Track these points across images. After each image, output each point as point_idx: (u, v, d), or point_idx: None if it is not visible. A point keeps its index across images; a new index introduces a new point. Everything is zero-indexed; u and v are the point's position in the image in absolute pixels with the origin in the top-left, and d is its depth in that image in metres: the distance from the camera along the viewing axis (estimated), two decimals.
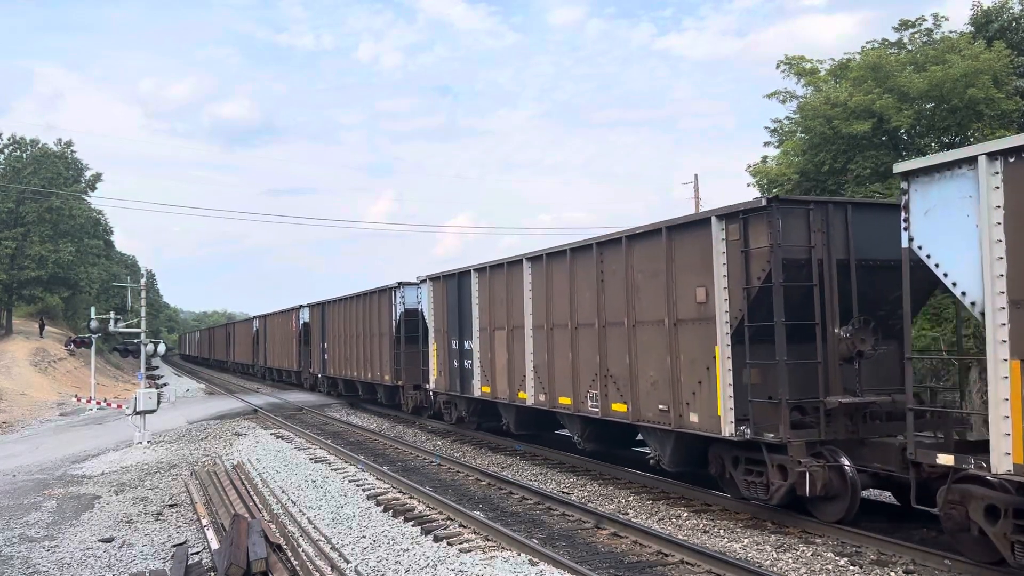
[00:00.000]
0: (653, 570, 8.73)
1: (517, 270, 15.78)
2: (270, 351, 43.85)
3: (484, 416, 18.83)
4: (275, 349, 42.52)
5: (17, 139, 53.24)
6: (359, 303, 27.47)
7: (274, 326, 42.69)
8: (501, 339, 16.50)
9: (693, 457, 11.50)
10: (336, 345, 30.32)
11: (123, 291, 52.61)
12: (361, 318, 27.07)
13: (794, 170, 29.04)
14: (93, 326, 28.16)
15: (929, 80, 25.88)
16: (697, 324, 10.80)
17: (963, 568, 8.07)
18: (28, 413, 32.56)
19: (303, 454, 17.50)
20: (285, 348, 39.82)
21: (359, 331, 27.22)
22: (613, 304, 12.60)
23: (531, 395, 15.18)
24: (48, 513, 13.35)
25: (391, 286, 24.21)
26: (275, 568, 8.93)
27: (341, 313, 29.67)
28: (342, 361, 29.50)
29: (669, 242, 11.33)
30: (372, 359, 25.92)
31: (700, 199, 40.15)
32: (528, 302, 15.25)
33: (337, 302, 30.41)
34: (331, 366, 31.07)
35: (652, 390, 11.68)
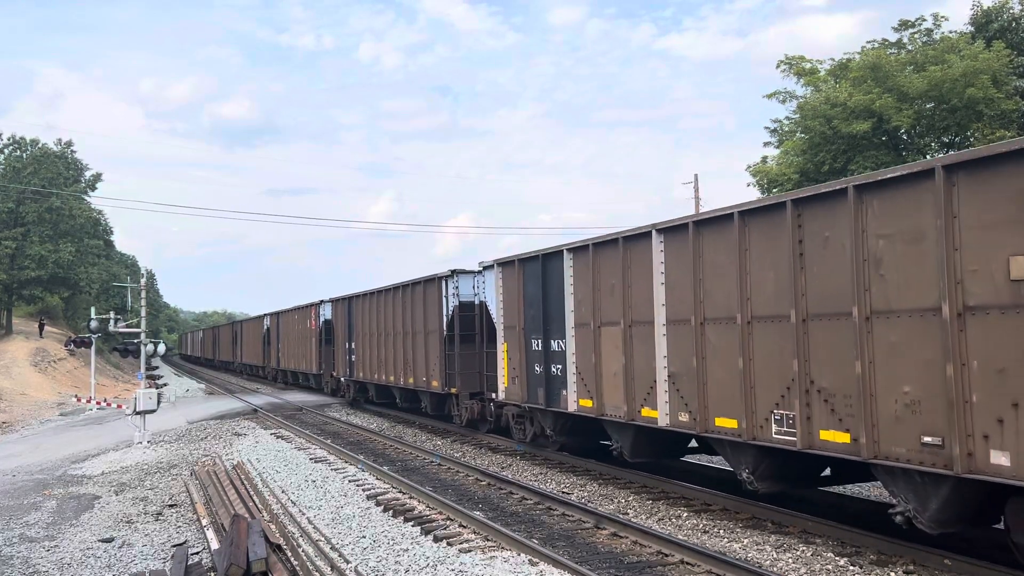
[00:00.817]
0: (653, 570, 8.73)
1: (641, 247, 11.91)
2: (284, 352, 40.42)
3: (577, 435, 14.93)
4: (290, 349, 39.01)
5: (17, 139, 53.31)
6: (397, 296, 23.62)
7: (289, 324, 39.20)
8: (612, 338, 12.67)
9: (971, 513, 8.05)
10: (367, 345, 26.42)
11: (123, 291, 52.64)
12: (400, 314, 23.32)
13: (794, 170, 29.06)
14: (93, 326, 28.18)
15: (928, 80, 25.89)
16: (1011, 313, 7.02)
17: (963, 568, 8.07)
18: (28, 413, 32.56)
19: (303, 454, 17.50)
20: (302, 348, 36.21)
21: (397, 328, 23.44)
22: (825, 287, 8.84)
23: (664, 412, 11.39)
24: (48, 513, 13.35)
25: (442, 275, 20.38)
26: (275, 568, 8.93)
27: (373, 308, 25.79)
28: (374, 363, 25.63)
29: (949, 189, 7.46)
30: (415, 361, 22.12)
31: (700, 199, 40.17)
32: (660, 289, 11.44)
33: (368, 296, 26.30)
34: (360, 369, 27.23)
35: (907, 414, 7.89)
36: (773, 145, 33.33)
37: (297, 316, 37.34)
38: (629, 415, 12.20)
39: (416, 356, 22.05)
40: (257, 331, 48.20)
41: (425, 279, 21.47)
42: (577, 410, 13.71)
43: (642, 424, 12.03)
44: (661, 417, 11.50)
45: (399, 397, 24.51)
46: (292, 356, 38.47)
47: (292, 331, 38.51)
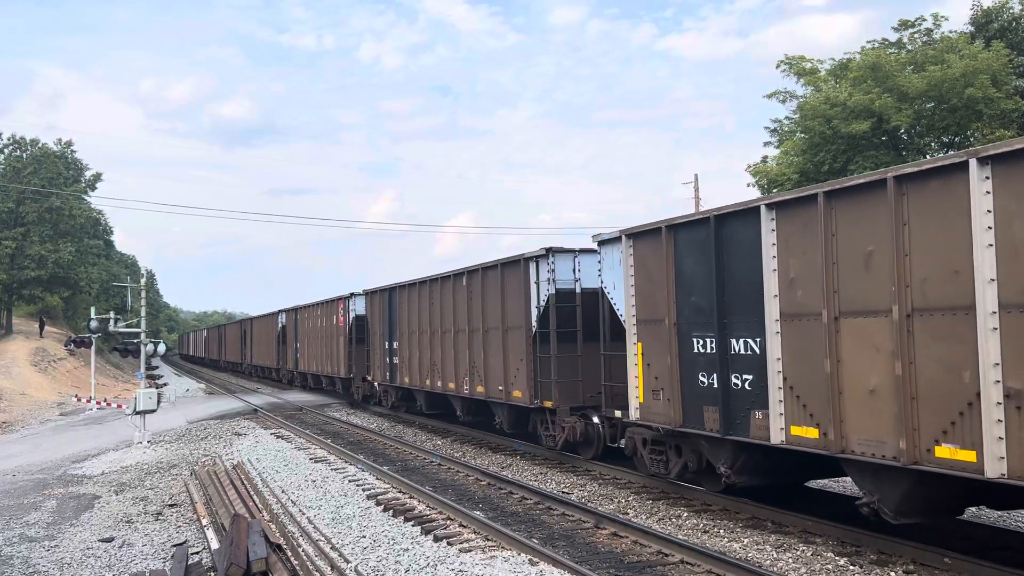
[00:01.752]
0: (653, 570, 8.74)
1: (936, 189, 7.62)
2: (303, 352, 35.99)
3: (771, 475, 10.62)
4: (311, 350, 34.65)
5: (17, 139, 53.31)
6: (457, 286, 19.00)
7: (309, 321, 34.77)
8: (866, 334, 8.33)
9: None
10: (413, 345, 21.92)
11: (123, 291, 52.71)
12: (466, 306, 18.49)
13: (794, 170, 29.08)
14: (93, 326, 28.16)
15: (928, 80, 25.90)
16: None
17: (963, 568, 8.07)
18: (28, 413, 32.56)
19: (303, 454, 17.50)
20: (328, 349, 31.67)
21: (461, 325, 18.71)
22: None
23: (996, 454, 7.04)
24: (48, 513, 13.35)
25: (531, 255, 15.67)
26: (275, 568, 8.93)
27: (425, 301, 21.02)
28: (424, 368, 21.05)
29: None
30: (487, 366, 17.38)
31: (700, 199, 40.18)
32: (987, 252, 7.13)
33: (416, 286, 21.81)
34: (404, 373, 22.65)
35: None
36: (773, 145, 33.38)
37: (320, 312, 32.86)
38: (909, 455, 7.79)
39: (488, 359, 17.46)
40: (270, 329, 43.58)
41: (505, 262, 16.69)
42: (785, 442, 9.36)
43: (935, 470, 7.62)
44: (988, 462, 7.07)
45: (461, 408, 19.73)
46: (315, 358, 33.73)
47: (314, 329, 33.94)
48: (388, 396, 24.93)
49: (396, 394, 24.18)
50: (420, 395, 22.15)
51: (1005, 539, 9.19)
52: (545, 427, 15.68)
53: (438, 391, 20.31)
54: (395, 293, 23.55)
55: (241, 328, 54.76)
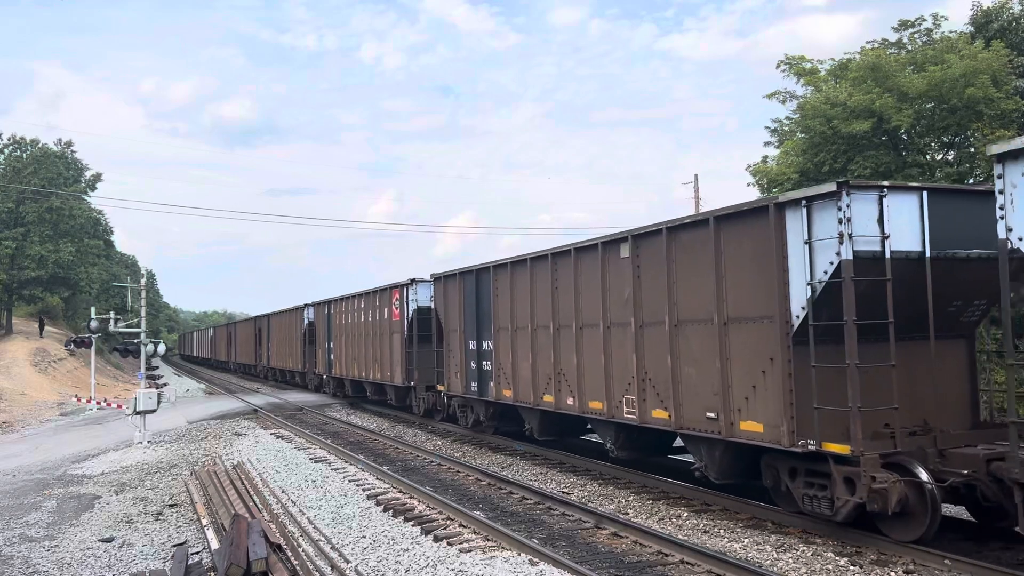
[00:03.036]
0: (653, 570, 8.74)
1: None
2: (340, 354, 30.35)
3: None
4: (351, 351, 28.87)
5: (17, 139, 53.31)
6: (611, 259, 12.97)
7: (347, 316, 29.35)
8: None
9: None
10: (518, 346, 16.12)
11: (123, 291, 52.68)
12: (619, 288, 12.83)
13: (794, 170, 29.07)
14: (93, 326, 28.17)
15: (928, 80, 25.91)
16: None
17: (963, 568, 8.07)
18: (28, 413, 32.56)
19: (303, 454, 17.50)
20: (374, 350, 25.86)
21: (613, 317, 13.00)
22: None
23: None
24: (48, 513, 13.35)
25: (798, 196, 9.59)
26: (275, 568, 8.93)
27: (543, 284, 15.14)
28: (541, 378, 15.27)
29: None
30: (677, 376, 11.52)
31: (700, 199, 40.19)
32: None
33: (527, 263, 15.67)
34: (502, 384, 16.82)
35: None
36: (773, 145, 33.35)
37: (364, 304, 27.39)
38: None
39: (682, 367, 11.75)
40: (290, 328, 38.49)
41: (726, 212, 10.58)
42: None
43: None
44: None
45: (615, 440, 14.67)
46: (355, 360, 28.40)
47: (353, 326, 28.56)
48: (470, 413, 19.32)
49: (485, 410, 18.35)
50: (531, 415, 16.11)
51: (1005, 540, 9.18)
52: (816, 487, 9.46)
53: (565, 411, 14.45)
54: (487, 276, 17.39)
55: (255, 326, 48.75)
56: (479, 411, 18.68)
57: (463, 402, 19.51)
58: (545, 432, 15.98)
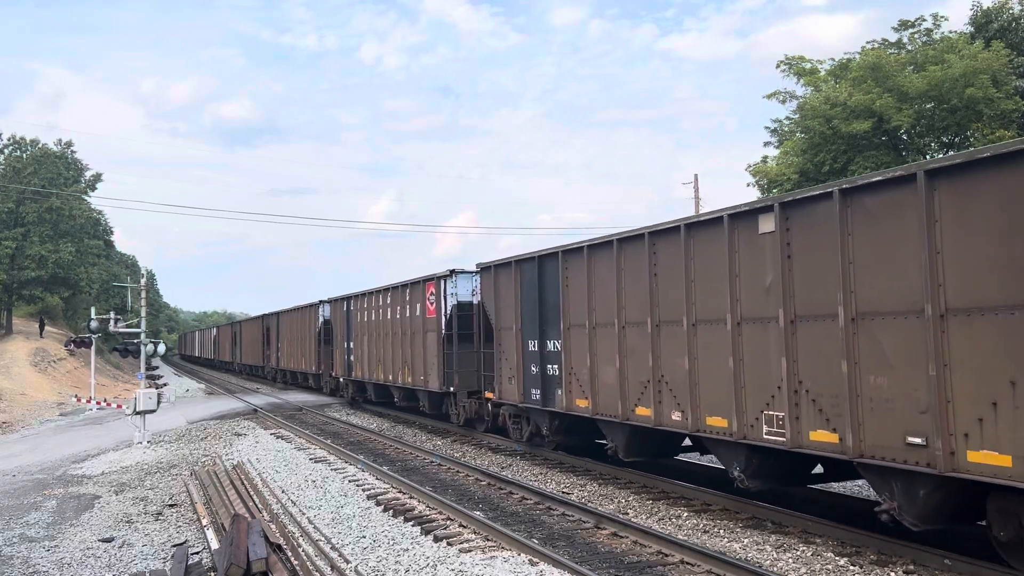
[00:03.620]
0: (653, 570, 8.73)
1: None
2: (359, 356, 27.16)
3: None
4: (371, 352, 25.79)
5: (17, 139, 53.35)
6: (742, 234, 10.25)
7: (371, 313, 25.91)
8: None
9: None
10: (604, 349, 13.06)
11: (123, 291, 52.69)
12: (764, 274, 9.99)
13: (794, 170, 29.08)
14: (93, 326, 28.16)
15: (928, 80, 25.93)
16: None
17: (963, 568, 8.06)
18: (28, 413, 32.57)
19: (303, 454, 17.50)
20: (402, 352, 22.91)
21: (768, 306, 9.86)
22: None
23: None
24: (48, 513, 13.35)
25: None
26: (275, 568, 8.93)
27: (631, 270, 12.36)
28: (632, 384, 12.32)
29: None
30: None
31: (700, 199, 40.20)
32: None
33: (610, 245, 12.81)
34: (575, 393, 13.86)
35: None
36: (773, 145, 33.38)
37: (390, 300, 24.22)
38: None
39: None
40: (306, 326, 34.83)
41: None
42: None
43: None
44: None
45: None
46: (379, 362, 25.20)
47: (379, 324, 25.19)
48: (525, 424, 16.31)
49: (548, 423, 15.13)
50: (615, 431, 12.91)
51: None
52: None
53: (669, 427, 11.58)
54: (553, 263, 14.46)
55: (263, 325, 45.24)
56: (540, 423, 15.50)
57: (517, 412, 16.61)
58: (634, 452, 12.83)
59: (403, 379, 23.00)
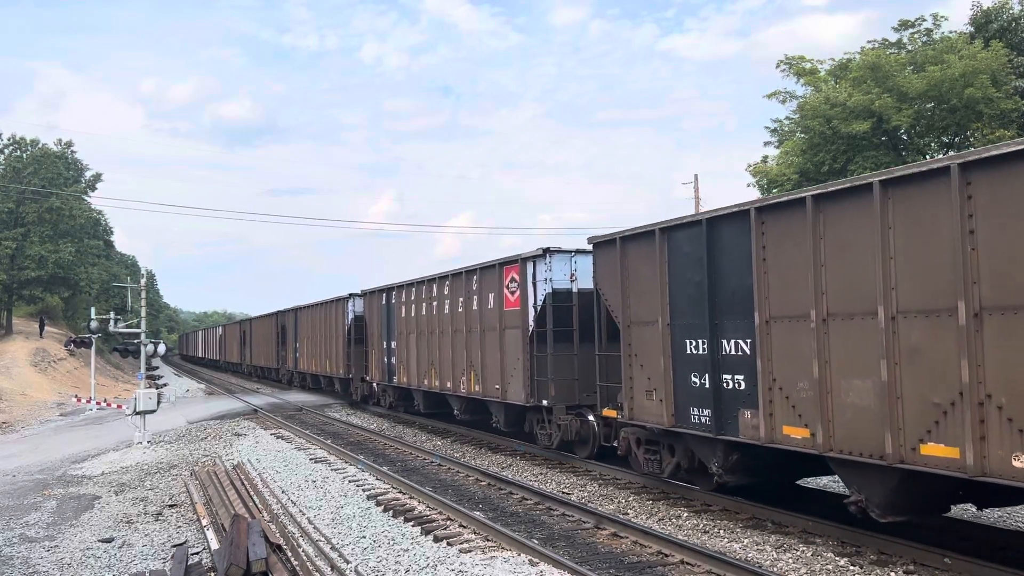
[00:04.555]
0: (653, 570, 8.74)
1: None
2: (402, 358, 22.65)
3: None
4: (420, 354, 21.36)
5: (17, 139, 53.33)
6: None
7: (414, 308, 21.93)
8: None
9: None
10: (844, 354, 8.66)
11: (123, 291, 52.61)
12: None
13: (794, 170, 29.09)
14: (93, 326, 28.16)
15: (928, 80, 25.93)
16: None
17: (963, 568, 8.07)
18: (28, 413, 32.57)
19: (303, 454, 17.50)
20: (467, 354, 18.53)
21: None
22: None
23: None
24: (48, 513, 13.35)
25: None
26: (275, 568, 8.93)
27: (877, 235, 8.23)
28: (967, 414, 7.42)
29: None
30: None
31: (700, 199, 40.20)
32: None
33: (839, 196, 8.75)
34: (782, 411, 9.49)
35: None
36: (773, 145, 33.40)
37: (446, 291, 19.89)
38: None
39: None
40: (331, 323, 30.55)
41: None
42: None
43: None
44: None
45: None
46: (431, 365, 20.68)
47: (430, 320, 20.82)
48: (668, 455, 12.18)
49: (724, 458, 10.78)
50: (863, 476, 8.71)
51: (1005, 539, 9.19)
52: None
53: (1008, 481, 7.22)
54: (733, 228, 10.39)
55: (278, 323, 40.65)
56: (704, 455, 11.27)
57: (653, 438, 12.44)
58: (901, 508, 8.60)
59: (469, 387, 18.45)
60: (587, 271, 14.35)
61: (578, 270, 15.46)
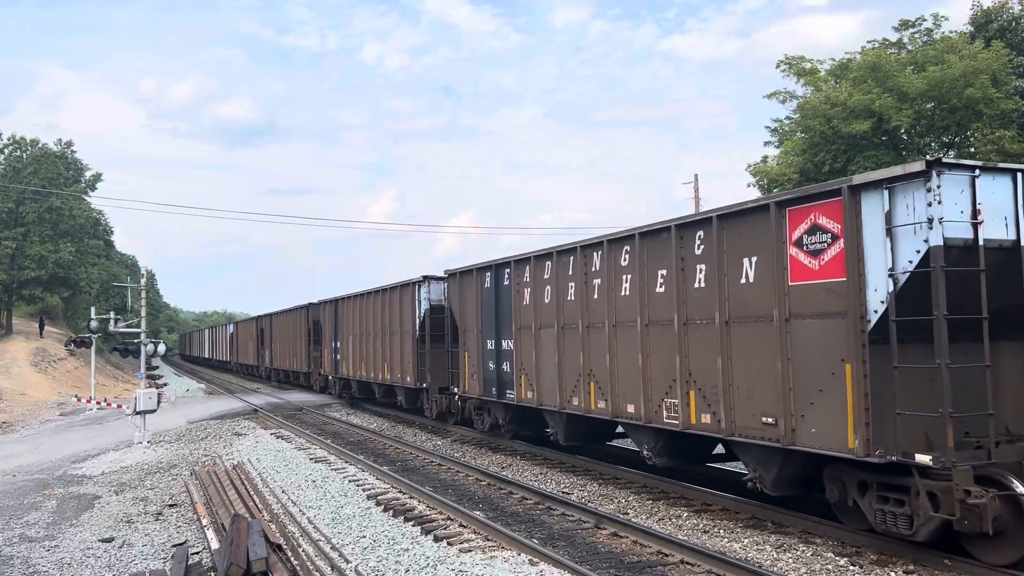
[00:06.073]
0: (653, 570, 8.74)
1: None
2: (522, 363, 15.70)
3: None
4: (568, 359, 14.05)
5: (17, 139, 53.32)
6: None
7: (542, 289, 14.96)
8: None
9: None
10: None
11: (123, 291, 52.66)
12: None
13: (794, 170, 29.08)
14: (93, 326, 28.17)
15: (928, 80, 25.93)
16: None
17: (963, 568, 8.07)
18: (28, 413, 32.56)
19: (303, 454, 17.50)
20: (661, 360, 11.63)
21: None
22: None
23: None
24: (48, 513, 13.35)
25: None
26: (275, 568, 8.93)
27: None
28: None
29: None
30: None
31: (700, 199, 40.18)
32: None
33: None
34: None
35: None
36: (773, 145, 33.38)
37: (659, 250, 11.64)
38: None
39: None
40: (390, 318, 23.96)
41: None
42: None
43: None
44: None
45: None
46: (627, 379, 12.76)
47: (574, 304, 13.76)
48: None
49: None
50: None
51: None
52: None
53: None
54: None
55: (308, 318, 34.48)
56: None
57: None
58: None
59: (669, 413, 12.36)
60: None
61: None
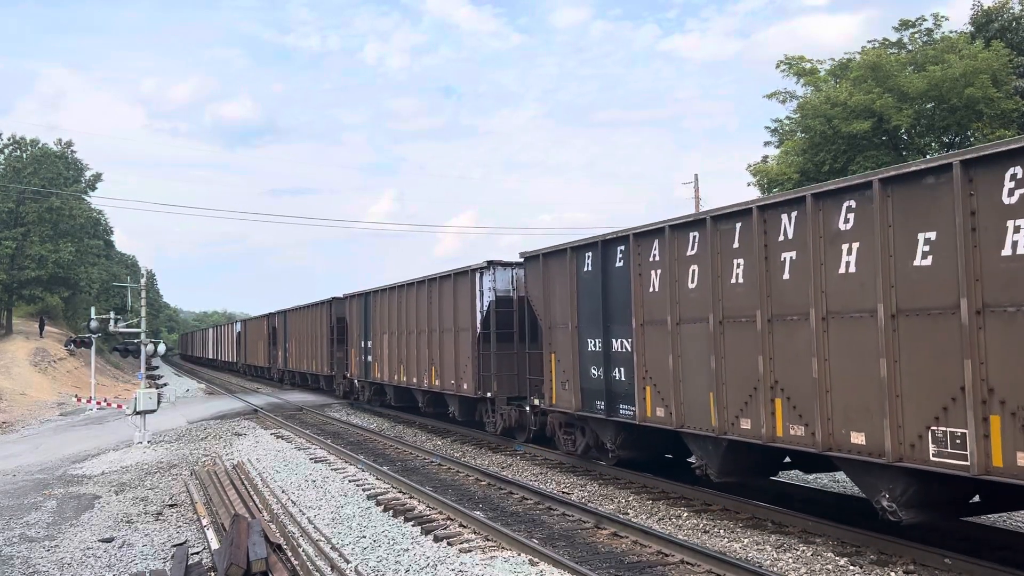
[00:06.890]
0: (653, 570, 8.73)
1: None
2: (667, 365, 11.23)
3: None
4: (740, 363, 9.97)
5: (17, 139, 53.32)
6: None
7: (690, 271, 10.79)
8: None
9: None
10: None
11: (123, 291, 52.67)
12: None
13: (794, 169, 29.09)
14: (93, 326, 28.18)
15: (928, 80, 25.93)
16: None
17: (963, 568, 8.07)
18: (28, 413, 32.57)
19: (303, 454, 17.50)
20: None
21: None
22: None
23: None
24: (48, 513, 13.35)
25: None
26: (275, 568, 8.93)
27: None
28: None
29: None
30: None
31: (701, 199, 40.19)
32: None
33: None
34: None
35: None
36: (774, 145, 33.40)
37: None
38: None
39: None
40: (448, 306, 19.41)
41: None
42: None
43: None
44: None
45: None
46: None
47: None
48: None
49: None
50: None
51: (1005, 539, 9.19)
52: None
53: None
54: None
55: (330, 315, 30.79)
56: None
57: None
58: None
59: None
60: None
61: None
